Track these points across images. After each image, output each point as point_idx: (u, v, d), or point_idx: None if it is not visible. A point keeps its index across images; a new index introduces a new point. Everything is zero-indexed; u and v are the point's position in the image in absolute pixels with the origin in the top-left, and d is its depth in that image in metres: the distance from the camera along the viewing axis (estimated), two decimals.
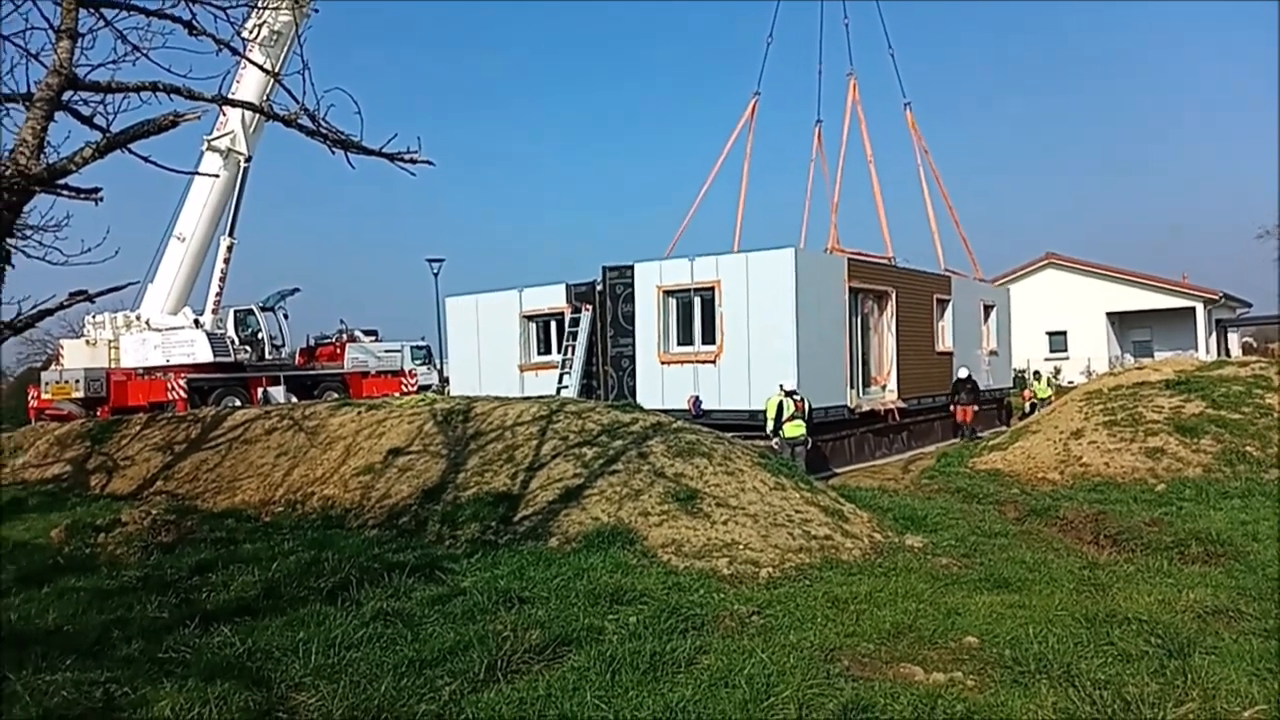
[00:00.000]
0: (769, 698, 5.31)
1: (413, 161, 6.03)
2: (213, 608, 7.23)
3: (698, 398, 17.83)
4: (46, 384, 25.19)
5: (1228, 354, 38.35)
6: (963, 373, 21.74)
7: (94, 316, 27.21)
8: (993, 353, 25.61)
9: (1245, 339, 47.94)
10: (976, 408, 21.85)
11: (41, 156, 5.03)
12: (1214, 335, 40.27)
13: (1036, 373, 30.48)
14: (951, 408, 21.85)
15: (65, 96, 5.14)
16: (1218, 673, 5.50)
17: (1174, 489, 12.98)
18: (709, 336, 18.09)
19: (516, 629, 6.41)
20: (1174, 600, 7.28)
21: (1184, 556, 8.99)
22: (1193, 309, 39.16)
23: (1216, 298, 39.51)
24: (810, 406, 15.65)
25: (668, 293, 18.70)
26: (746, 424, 16.53)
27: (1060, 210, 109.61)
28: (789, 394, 15.33)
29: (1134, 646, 6.16)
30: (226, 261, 26.52)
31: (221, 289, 26.59)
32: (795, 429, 15.16)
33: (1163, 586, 7.80)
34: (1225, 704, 5.07)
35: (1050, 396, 23.54)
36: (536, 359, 21.53)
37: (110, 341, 26.31)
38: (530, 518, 10.02)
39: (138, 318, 26.14)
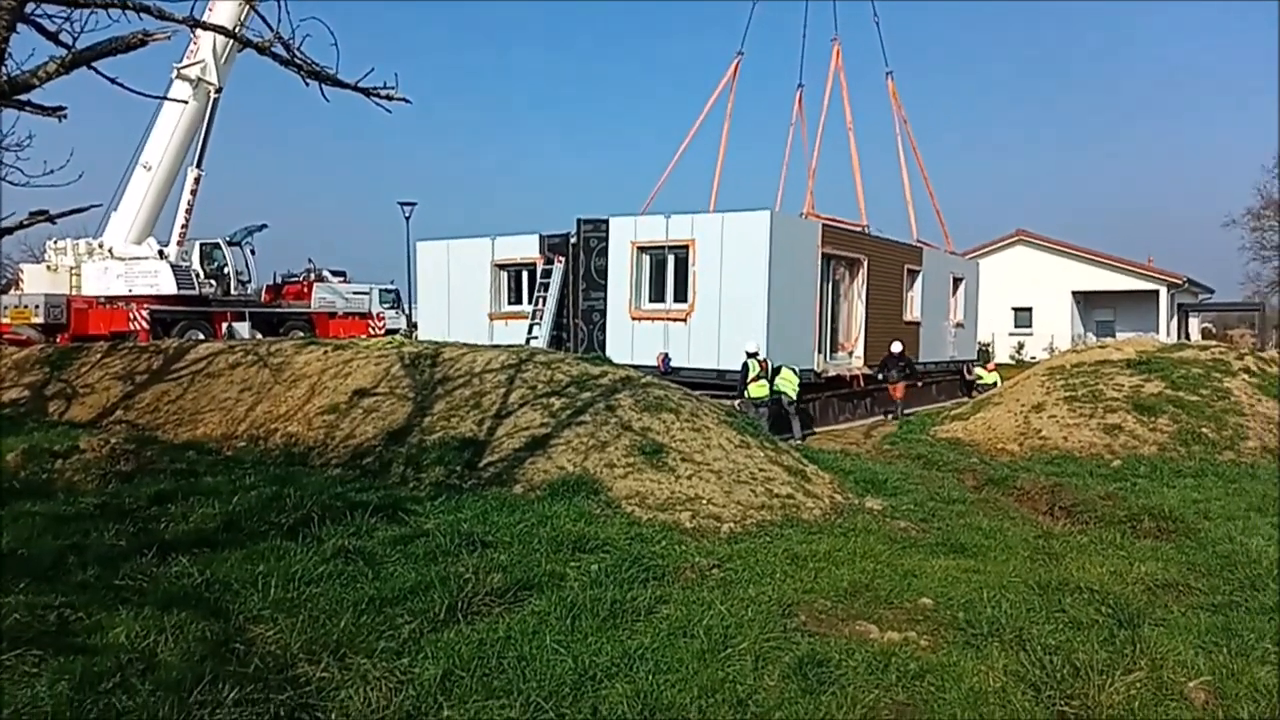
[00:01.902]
0: (726, 649, 5.39)
1: (389, 99, 5.90)
2: (171, 538, 7.15)
3: (667, 355, 17.87)
4: (5, 308, 24.64)
5: (1188, 338, 38.99)
6: (896, 347, 20.17)
7: (55, 241, 26.63)
8: (959, 325, 25.84)
9: (1205, 324, 48.81)
10: (913, 384, 20.68)
11: (2, 69, 4.86)
12: (1175, 319, 40.95)
13: (983, 351, 30.12)
14: (880, 379, 20.19)
15: (29, 9, 4.94)
16: (1165, 644, 5.63)
17: (1130, 465, 13.24)
18: (681, 294, 18.08)
19: (478, 572, 6.42)
20: (1125, 572, 7.44)
21: (1137, 531, 9.17)
22: (1156, 292, 39.80)
23: (1180, 282, 40.16)
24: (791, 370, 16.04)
25: (642, 249, 18.62)
26: (715, 383, 16.63)
27: (1033, 188, 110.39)
28: (752, 355, 15.63)
29: (1085, 615, 6.29)
30: (193, 194, 26.01)
31: (188, 221, 26.13)
32: (759, 389, 15.51)
33: (1115, 559, 7.96)
34: (1172, 674, 5.20)
35: (995, 383, 22.01)
36: (507, 308, 21.40)
37: (72, 268, 25.78)
38: (496, 464, 10.01)
39: (100, 245, 25.63)
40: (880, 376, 20.01)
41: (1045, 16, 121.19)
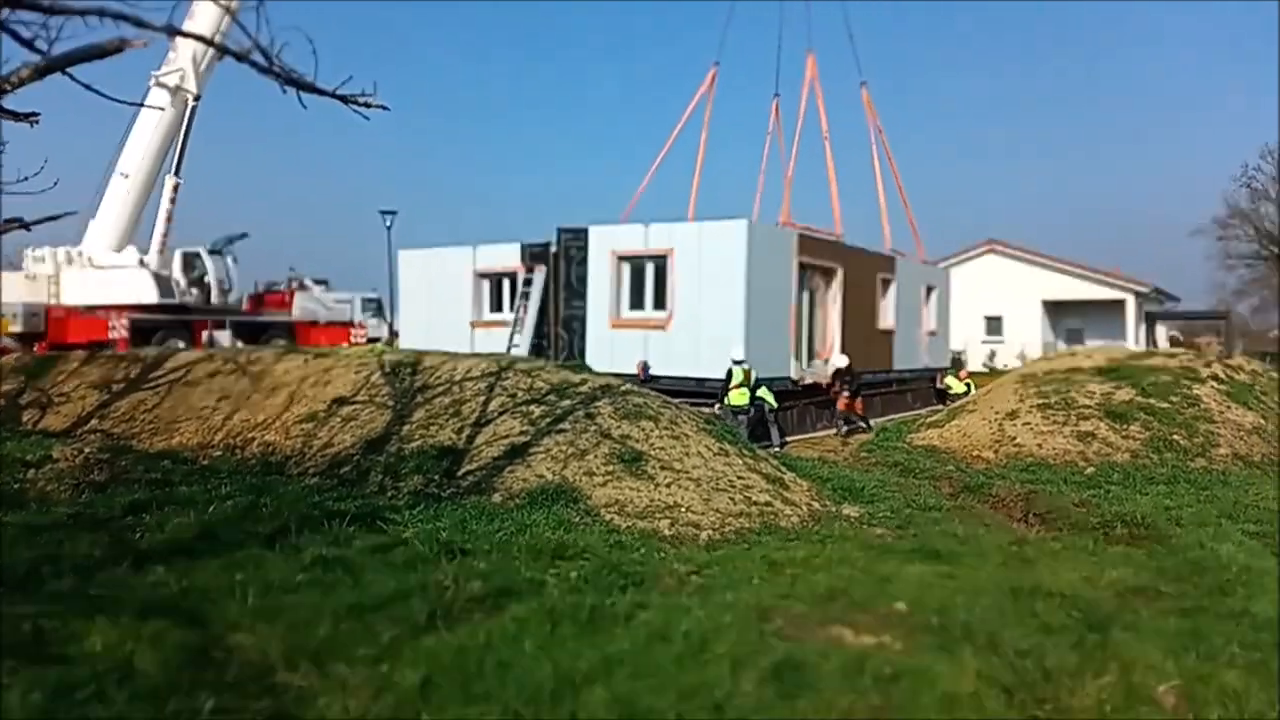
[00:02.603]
0: (704, 653, 5.42)
1: (367, 105, 5.90)
2: (147, 547, 7.11)
3: (646, 363, 17.93)
4: None
5: (1155, 346, 39.56)
6: (842, 361, 19.16)
7: (34, 250, 26.37)
8: (932, 333, 26.08)
9: (1172, 333, 49.52)
10: (854, 398, 18.93)
11: None
12: (1143, 327, 41.51)
13: (956, 360, 30.12)
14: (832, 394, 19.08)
15: (4, 15, 4.94)
16: (1136, 648, 5.71)
17: (1103, 472, 13.39)
18: (660, 303, 18.18)
19: (458, 579, 6.43)
20: (1097, 578, 7.53)
21: (1109, 537, 9.28)
22: (1124, 301, 40.32)
23: (1147, 290, 40.77)
24: (756, 379, 16.04)
25: (621, 258, 18.71)
26: (694, 391, 16.72)
27: (1004, 198, 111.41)
28: (737, 363, 15.73)
29: (1056, 619, 6.36)
30: (173, 202, 25.89)
31: (168, 229, 26.00)
32: (740, 397, 15.65)
33: (1087, 564, 8.05)
34: (1142, 677, 5.27)
35: (965, 392, 21.89)
36: (488, 316, 21.42)
37: (51, 276, 25.54)
38: (475, 472, 10.02)
39: (79, 254, 25.42)
40: (832, 390, 18.99)
41: (1015, 27, 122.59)
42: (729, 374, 15.78)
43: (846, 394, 18.66)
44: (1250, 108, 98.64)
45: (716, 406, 15.50)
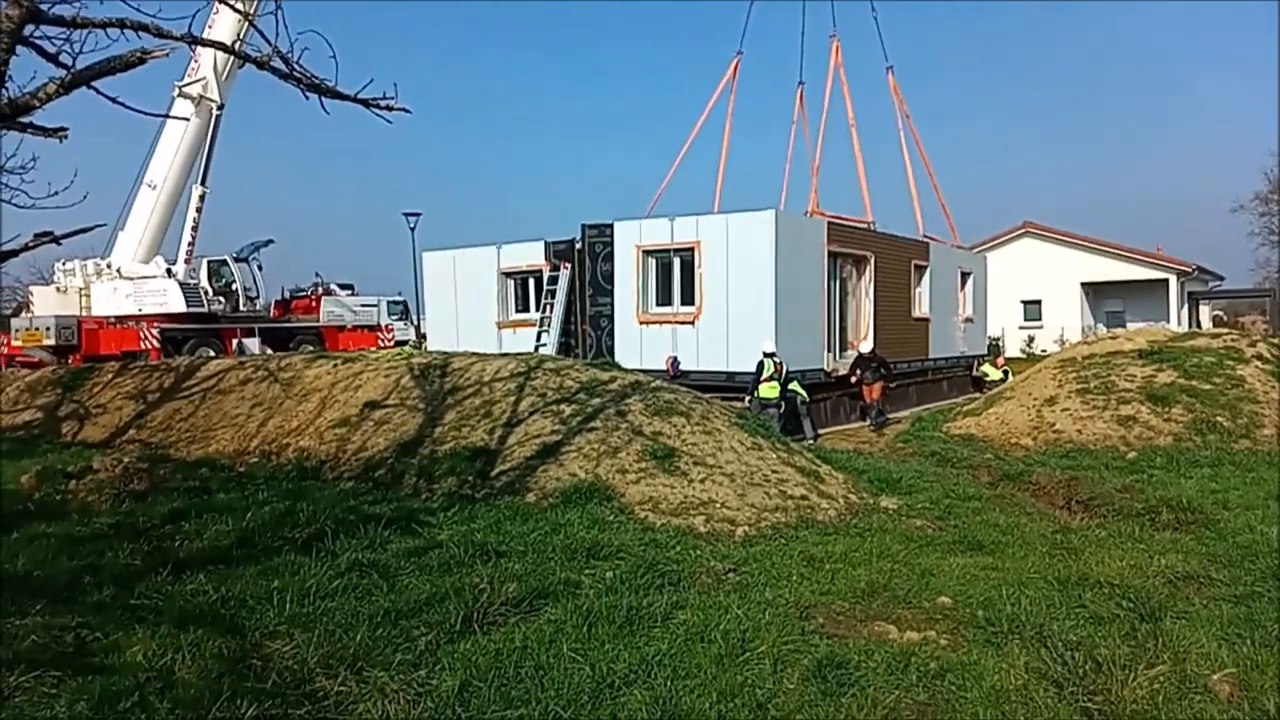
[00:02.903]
0: (744, 653, 5.35)
1: (389, 109, 5.88)
2: (186, 556, 7.16)
3: (676, 358, 17.83)
4: (17, 331, 24.82)
5: (1199, 326, 38.79)
6: (865, 347, 19.00)
7: (64, 263, 26.85)
8: (968, 320, 25.73)
9: (1216, 312, 48.55)
10: (888, 385, 18.76)
11: (3, 92, 4.88)
12: (1186, 307, 40.72)
13: (993, 346, 29.85)
14: (853, 382, 18.57)
15: (27, 31, 4.95)
16: (1188, 636, 5.57)
17: (1145, 456, 13.14)
18: (688, 297, 18.05)
19: (493, 582, 6.39)
20: (1145, 565, 7.37)
21: (1155, 523, 9.09)
22: (1166, 281, 39.60)
23: (1190, 270, 39.95)
24: (786, 370, 15.89)
25: (647, 252, 18.60)
26: (724, 385, 16.59)
27: (1039, 179, 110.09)
28: (768, 355, 15.59)
29: (1105, 609, 6.24)
30: (199, 211, 26.17)
31: (194, 238, 26.29)
32: (770, 390, 15.51)
33: (1134, 552, 7.89)
34: (1195, 667, 5.14)
35: (1002, 379, 21.90)
36: (515, 316, 21.40)
37: (81, 289, 25.97)
38: (507, 473, 10.00)
39: (109, 265, 25.80)
40: (853, 379, 18.52)
41: (1046, 6, 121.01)
42: (760, 366, 15.64)
43: (868, 384, 18.06)
44: None
45: (747, 400, 15.38)
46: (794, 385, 16.14)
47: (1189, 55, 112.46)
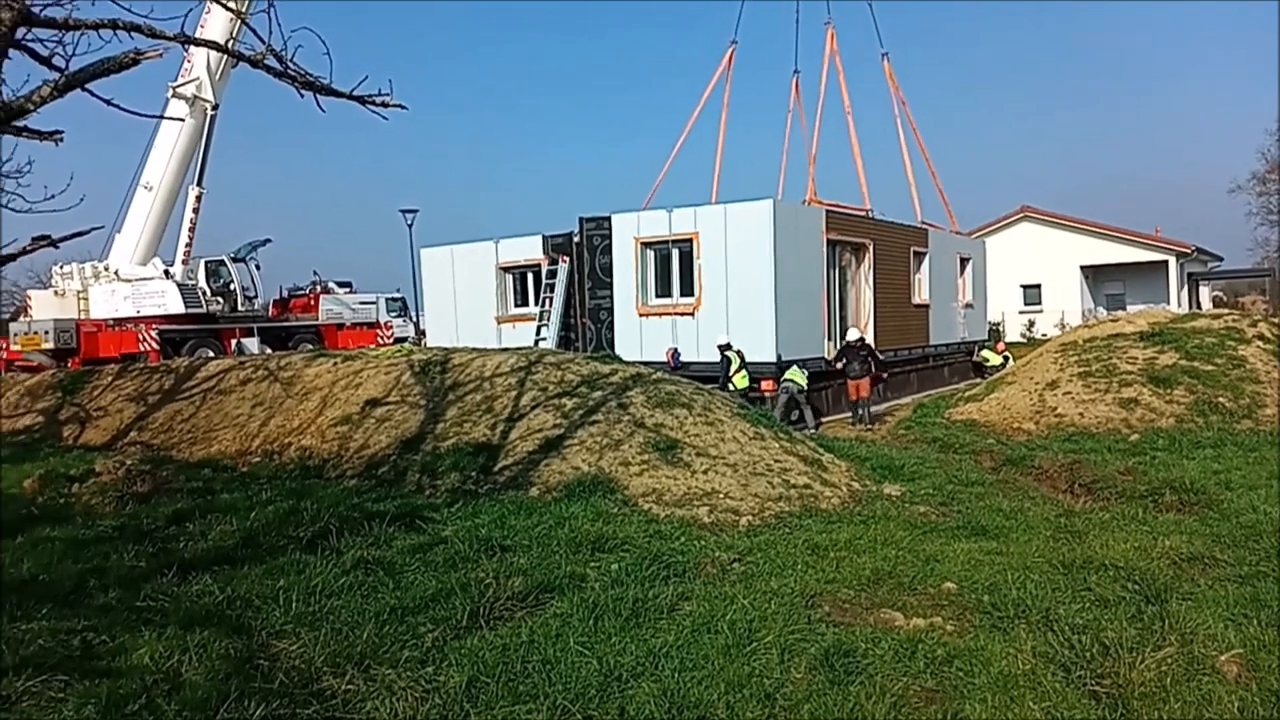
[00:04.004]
0: (751, 643, 5.35)
1: (384, 105, 5.85)
2: (190, 557, 7.16)
3: (676, 350, 17.82)
4: (15, 335, 24.79)
5: (1199, 307, 38.78)
6: (853, 335, 17.68)
7: (61, 266, 26.80)
8: (968, 305, 25.72)
9: (1216, 293, 48.50)
10: (878, 378, 17.73)
11: None
12: (1186, 289, 40.67)
13: (993, 332, 29.80)
14: (839, 368, 17.35)
15: (20, 34, 4.93)
16: (1194, 618, 5.57)
17: (1148, 439, 13.13)
18: (687, 288, 18.03)
19: (499, 576, 6.40)
20: (1150, 547, 7.37)
21: (1158, 505, 9.10)
22: (1165, 263, 39.54)
23: (1189, 251, 39.87)
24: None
25: (645, 244, 18.56)
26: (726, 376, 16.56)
27: (1036, 164, 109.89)
28: (726, 348, 15.95)
29: (1111, 592, 6.24)
30: (196, 211, 26.15)
31: (191, 239, 26.28)
32: (742, 380, 15.77)
33: (1138, 534, 7.89)
34: (1202, 648, 5.14)
35: (1002, 364, 21.89)
36: (514, 311, 21.38)
37: (79, 292, 25.93)
38: (510, 468, 9.99)
39: (106, 268, 25.76)
40: (840, 367, 17.36)
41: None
42: (725, 361, 15.86)
43: (855, 377, 16.81)
44: None
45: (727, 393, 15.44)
46: (792, 372, 16.12)
47: (1185, 37, 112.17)
